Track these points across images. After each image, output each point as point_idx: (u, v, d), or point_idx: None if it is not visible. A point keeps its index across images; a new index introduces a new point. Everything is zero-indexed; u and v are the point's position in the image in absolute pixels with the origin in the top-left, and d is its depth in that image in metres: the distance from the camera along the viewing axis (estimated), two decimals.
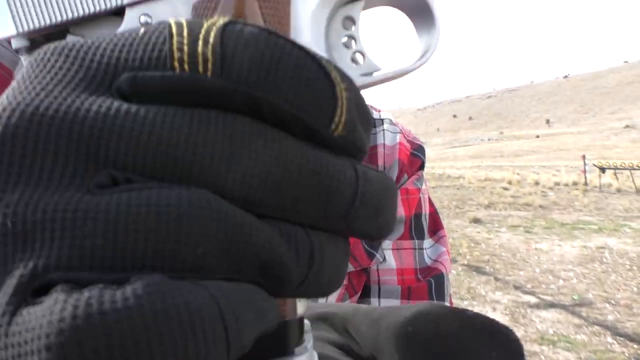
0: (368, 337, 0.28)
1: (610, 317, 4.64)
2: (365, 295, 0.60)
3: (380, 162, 0.62)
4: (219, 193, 0.14)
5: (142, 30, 0.16)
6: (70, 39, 0.17)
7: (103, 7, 0.22)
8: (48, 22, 0.21)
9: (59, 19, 0.21)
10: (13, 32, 0.22)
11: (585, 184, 17.15)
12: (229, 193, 0.15)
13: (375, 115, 0.66)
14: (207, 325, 0.13)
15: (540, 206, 12.14)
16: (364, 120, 0.18)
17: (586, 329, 4.41)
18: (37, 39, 0.22)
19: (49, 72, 0.15)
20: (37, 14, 0.21)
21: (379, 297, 0.60)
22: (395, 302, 0.59)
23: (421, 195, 0.65)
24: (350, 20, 0.24)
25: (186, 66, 0.15)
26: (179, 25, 0.15)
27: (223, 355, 0.13)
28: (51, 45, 0.16)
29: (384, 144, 0.63)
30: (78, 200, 0.13)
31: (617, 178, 17.25)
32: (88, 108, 0.14)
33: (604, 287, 5.58)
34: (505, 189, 16.24)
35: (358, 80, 0.24)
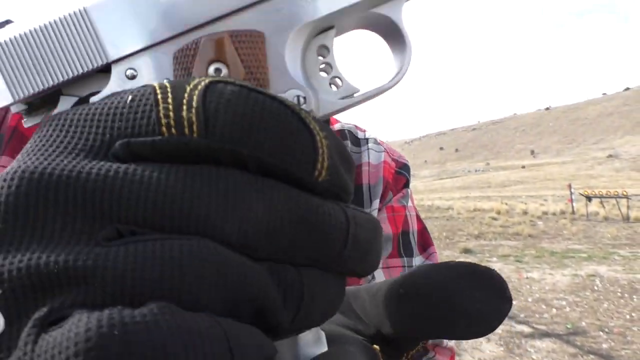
0: (372, 312, 0.29)
1: (604, 346, 4.61)
2: None
3: (365, 181, 0.62)
4: (218, 241, 0.15)
5: (130, 97, 0.17)
6: (65, 109, 0.19)
7: (90, 66, 0.23)
8: (41, 87, 0.23)
9: (50, 83, 0.23)
10: (10, 100, 0.24)
11: (573, 212, 17.29)
12: (226, 241, 0.15)
13: (360, 135, 0.67)
14: (215, 344, 0.14)
15: (530, 235, 12.19)
16: (346, 163, 0.19)
17: (581, 359, 4.37)
18: (34, 101, 0.24)
19: (51, 144, 0.17)
20: (30, 81, 0.23)
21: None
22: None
23: (407, 213, 0.65)
24: (325, 48, 0.26)
25: (173, 130, 0.16)
26: (163, 90, 0.16)
27: None
28: (50, 119, 0.18)
29: (369, 162, 0.64)
30: (88, 252, 0.14)
31: (603, 206, 17.39)
32: (89, 171, 0.15)
33: (597, 315, 5.56)
34: (494, 219, 16.30)
35: (339, 103, 0.25)
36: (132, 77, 0.23)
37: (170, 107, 0.16)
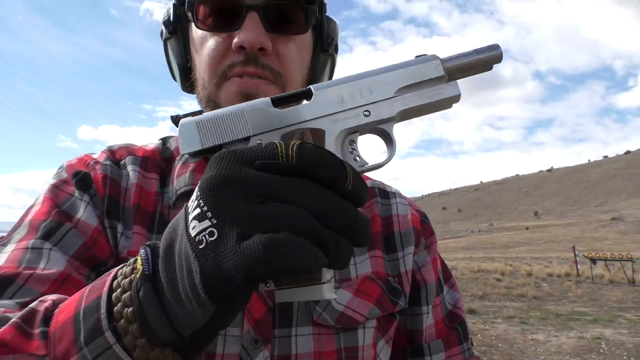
0: None
1: None
2: (419, 355, 0.78)
3: (396, 229, 0.79)
4: (305, 209, 0.36)
5: (263, 144, 0.38)
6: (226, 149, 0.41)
7: (239, 136, 0.46)
8: (215, 143, 0.46)
9: (221, 142, 0.46)
10: (199, 148, 0.46)
11: (578, 275, 17.17)
12: (307, 209, 0.36)
13: (387, 189, 0.86)
14: (309, 249, 0.34)
15: (535, 297, 12.11)
16: (363, 185, 0.39)
17: None
18: (204, 151, 0.47)
19: (223, 161, 0.37)
20: (211, 140, 0.46)
21: (431, 354, 0.78)
22: (442, 354, 0.78)
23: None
24: (353, 141, 0.50)
25: (284, 159, 0.37)
26: (280, 143, 0.37)
27: (312, 264, 0.34)
28: (220, 151, 0.38)
29: (398, 214, 0.81)
30: (251, 206, 0.35)
31: (608, 269, 17.29)
32: (245, 173, 0.36)
33: None
34: (499, 280, 16.21)
35: (358, 169, 0.49)
36: (259, 144, 0.45)
37: (284, 149, 0.37)
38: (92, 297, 0.41)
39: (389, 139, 0.51)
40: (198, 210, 0.35)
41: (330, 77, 0.80)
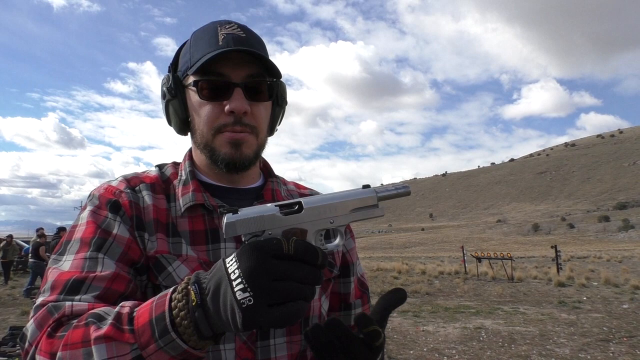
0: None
1: None
2: (349, 309, 1.14)
3: None
4: (297, 280, 0.65)
5: (273, 238, 0.66)
6: (252, 240, 0.70)
7: (259, 230, 0.71)
8: (247, 232, 0.70)
9: (249, 231, 0.70)
10: (237, 234, 0.70)
11: (465, 272, 18.65)
12: (299, 280, 0.64)
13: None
14: (302, 310, 0.64)
15: (427, 293, 13.11)
16: (326, 259, 0.68)
17: None
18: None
19: (253, 252, 0.63)
20: (243, 229, 0.70)
21: (354, 308, 1.15)
22: (360, 308, 1.16)
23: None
24: (321, 235, 0.78)
25: (287, 250, 0.64)
26: (284, 239, 0.65)
27: (302, 314, 0.64)
28: (249, 243, 0.66)
29: None
30: (270, 284, 0.62)
31: (492, 267, 18.91)
32: (266, 263, 0.63)
33: None
34: (396, 278, 17.20)
35: (325, 250, 0.77)
36: (270, 235, 0.71)
37: (285, 244, 0.64)
38: (158, 311, 0.66)
39: (341, 235, 0.82)
40: (241, 286, 0.60)
41: (280, 121, 1.08)
